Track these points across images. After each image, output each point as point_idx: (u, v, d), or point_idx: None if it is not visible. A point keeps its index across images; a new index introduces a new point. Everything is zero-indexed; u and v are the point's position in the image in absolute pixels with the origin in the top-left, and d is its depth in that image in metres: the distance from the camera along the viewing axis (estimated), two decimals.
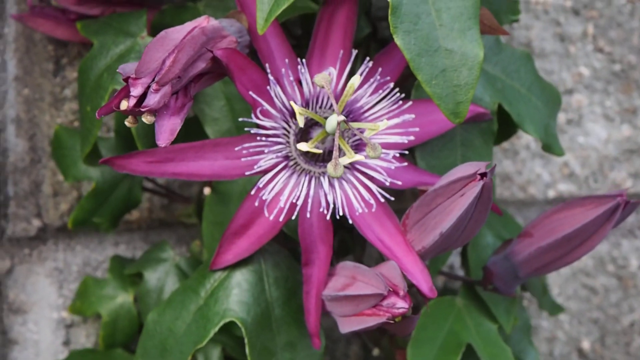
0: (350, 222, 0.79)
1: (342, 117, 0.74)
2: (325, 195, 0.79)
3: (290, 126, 0.79)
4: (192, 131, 0.86)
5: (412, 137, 0.81)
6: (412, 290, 0.79)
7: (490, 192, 0.74)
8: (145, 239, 1.07)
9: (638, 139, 1.23)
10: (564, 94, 1.19)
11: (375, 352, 1.00)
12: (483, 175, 0.73)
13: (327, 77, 0.75)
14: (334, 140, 0.75)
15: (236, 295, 0.84)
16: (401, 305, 0.75)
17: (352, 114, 0.79)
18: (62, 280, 1.04)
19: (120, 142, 0.93)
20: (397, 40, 0.72)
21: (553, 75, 1.18)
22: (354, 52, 0.81)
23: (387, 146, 0.80)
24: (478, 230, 0.78)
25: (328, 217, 0.79)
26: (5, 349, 1.03)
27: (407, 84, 0.86)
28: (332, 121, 0.75)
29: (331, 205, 0.78)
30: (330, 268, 0.81)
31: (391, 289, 0.75)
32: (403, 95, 0.81)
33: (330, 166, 0.74)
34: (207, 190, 0.89)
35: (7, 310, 1.02)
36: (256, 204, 0.79)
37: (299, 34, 0.94)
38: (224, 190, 0.87)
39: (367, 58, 0.80)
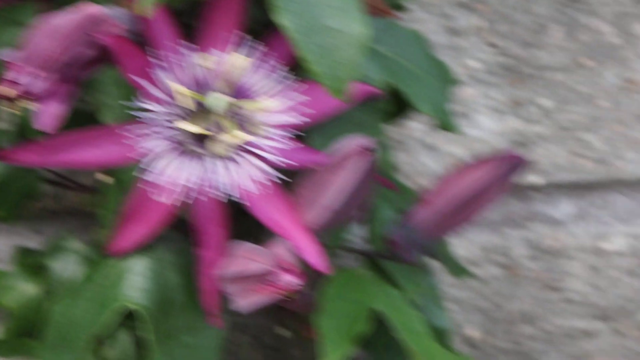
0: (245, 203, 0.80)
1: (224, 97, 0.74)
2: (216, 176, 0.79)
3: (177, 108, 0.79)
4: (91, 122, 0.86)
5: (305, 118, 0.81)
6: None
7: (373, 165, 0.75)
8: (37, 230, 1.06)
9: (526, 131, 1.25)
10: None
11: (287, 333, 1.01)
12: (365, 149, 0.74)
13: (212, 59, 0.76)
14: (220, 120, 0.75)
15: (136, 282, 0.83)
16: (290, 280, 0.75)
17: (240, 94, 0.80)
18: None
19: (21, 134, 0.92)
20: (279, 19, 0.72)
21: None
22: (246, 37, 0.81)
23: (281, 127, 0.81)
24: (369, 203, 0.79)
25: (219, 199, 0.80)
26: None
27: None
28: (216, 100, 0.75)
29: (221, 187, 0.79)
30: (225, 250, 0.81)
31: (282, 266, 0.76)
32: (298, 78, 0.81)
33: (217, 146, 0.74)
34: (101, 177, 0.88)
35: None
36: (148, 188, 0.80)
37: (192, 24, 0.94)
38: (121, 178, 0.87)
39: (256, 41, 0.81)
